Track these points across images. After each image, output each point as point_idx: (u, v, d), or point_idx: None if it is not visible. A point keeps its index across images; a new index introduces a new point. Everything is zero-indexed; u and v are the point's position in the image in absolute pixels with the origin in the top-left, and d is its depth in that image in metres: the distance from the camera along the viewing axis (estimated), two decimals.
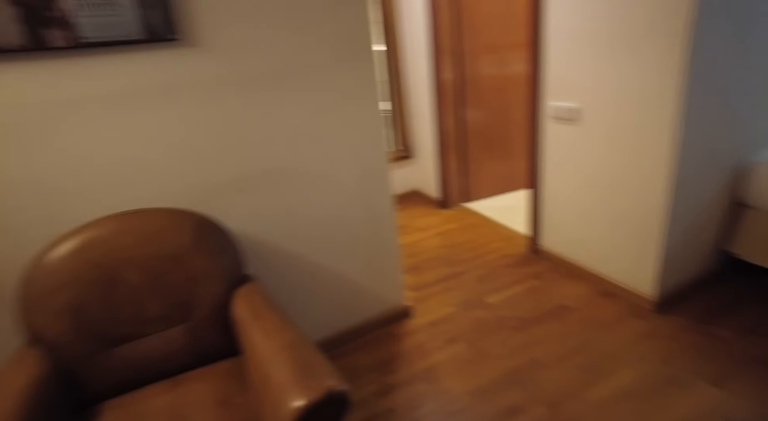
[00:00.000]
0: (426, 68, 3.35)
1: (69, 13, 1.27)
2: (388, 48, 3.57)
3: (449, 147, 3.44)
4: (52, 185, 1.38)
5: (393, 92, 3.72)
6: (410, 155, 3.88)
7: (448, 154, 3.46)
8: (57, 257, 1.29)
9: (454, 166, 3.51)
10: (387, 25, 3.50)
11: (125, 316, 1.32)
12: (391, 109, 3.78)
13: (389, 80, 3.68)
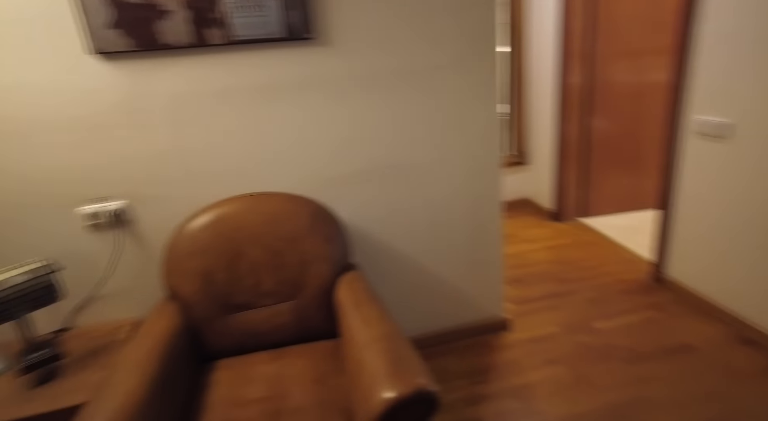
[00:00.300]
0: (551, 72, 3.18)
1: (226, 14, 1.45)
2: (513, 50, 3.45)
3: (569, 156, 3.23)
4: (197, 164, 1.58)
5: (513, 95, 3.59)
6: (524, 161, 3.72)
7: (567, 164, 3.25)
8: (195, 227, 1.48)
9: (572, 177, 3.28)
10: (513, 27, 3.39)
11: (244, 286, 1.47)
12: (509, 112, 3.66)
13: (510, 82, 3.56)
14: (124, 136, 1.49)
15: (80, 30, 1.36)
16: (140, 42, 1.40)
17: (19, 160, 1.43)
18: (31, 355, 1.38)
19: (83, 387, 1.31)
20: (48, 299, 1.37)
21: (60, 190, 1.49)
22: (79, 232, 1.54)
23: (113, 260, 1.59)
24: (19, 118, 1.39)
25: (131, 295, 1.65)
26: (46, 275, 1.35)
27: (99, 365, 1.41)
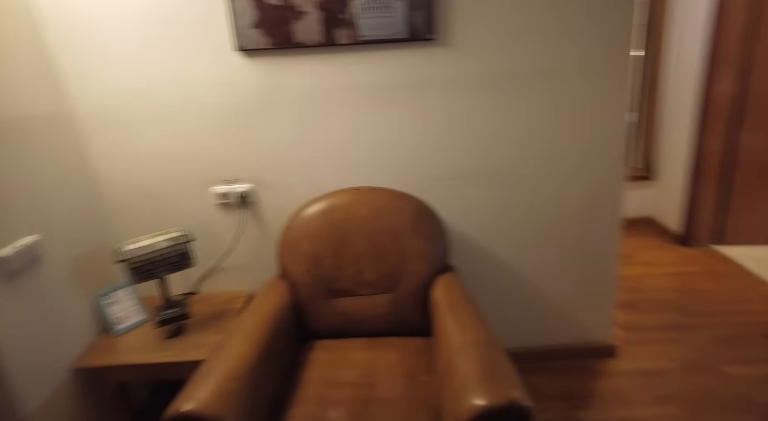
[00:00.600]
0: (693, 78, 2.83)
1: (354, 15, 1.52)
2: (647, 53, 3.14)
3: (708, 174, 2.84)
4: (315, 155, 1.69)
5: (643, 103, 3.27)
6: (650, 176, 3.36)
7: (703, 182, 2.87)
8: (309, 214, 1.58)
9: (709, 197, 2.89)
10: (651, 28, 3.07)
11: (347, 274, 1.54)
12: (637, 121, 3.33)
13: (641, 89, 3.24)
14: (256, 125, 1.65)
15: (229, 29, 1.53)
16: (276, 40, 1.54)
17: (171, 143, 1.66)
18: (166, 311, 1.59)
19: (203, 345, 1.48)
20: (183, 265, 1.57)
21: (199, 171, 1.69)
22: (211, 209, 1.74)
23: (236, 237, 1.77)
24: (175, 106, 1.61)
25: (248, 269, 1.82)
26: (184, 244, 1.55)
27: (217, 328, 1.58)
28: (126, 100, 1.60)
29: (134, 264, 1.46)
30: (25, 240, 1.32)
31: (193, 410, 1.02)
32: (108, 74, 1.57)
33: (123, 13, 1.51)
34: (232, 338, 1.26)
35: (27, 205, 1.35)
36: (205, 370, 1.14)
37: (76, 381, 1.49)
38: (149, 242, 1.51)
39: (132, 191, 1.71)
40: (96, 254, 1.64)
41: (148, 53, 1.55)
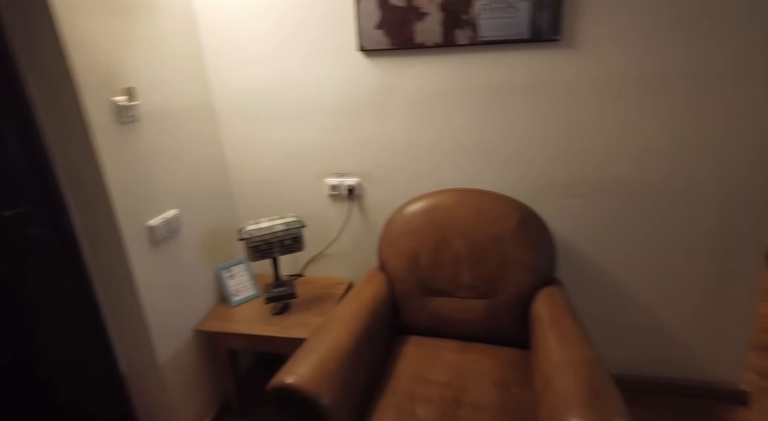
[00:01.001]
0: None
1: (476, 16, 1.51)
2: None
3: None
4: (422, 154, 1.71)
5: None
6: None
7: None
8: (411, 211, 1.61)
9: None
10: None
11: (444, 274, 1.54)
12: None
13: None
14: (368, 123, 1.71)
15: (354, 30, 1.61)
16: (396, 41, 1.58)
17: (292, 136, 1.79)
18: (275, 289, 1.74)
19: (306, 325, 1.59)
20: (294, 248, 1.69)
21: (315, 163, 1.81)
22: (322, 199, 1.85)
23: (342, 227, 1.87)
24: (298, 102, 1.74)
25: (349, 258, 1.91)
26: (297, 229, 1.68)
27: (319, 310, 1.68)
28: (257, 95, 1.76)
29: (253, 243, 1.62)
30: (169, 213, 1.53)
31: (293, 384, 1.10)
32: (244, 71, 1.74)
33: (261, 15, 1.66)
34: (333, 321, 1.33)
35: (173, 182, 1.56)
36: (306, 348, 1.22)
37: (197, 342, 1.69)
38: (267, 224, 1.65)
39: (254, 178, 1.89)
40: (221, 231, 1.84)
41: (280, 52, 1.69)
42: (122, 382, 1.54)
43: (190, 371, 1.65)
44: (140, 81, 1.42)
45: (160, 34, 1.50)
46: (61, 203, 1.33)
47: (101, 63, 1.28)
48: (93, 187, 1.32)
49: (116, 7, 1.33)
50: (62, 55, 1.18)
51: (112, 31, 1.32)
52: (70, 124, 1.26)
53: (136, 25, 1.40)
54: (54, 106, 1.26)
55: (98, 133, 1.28)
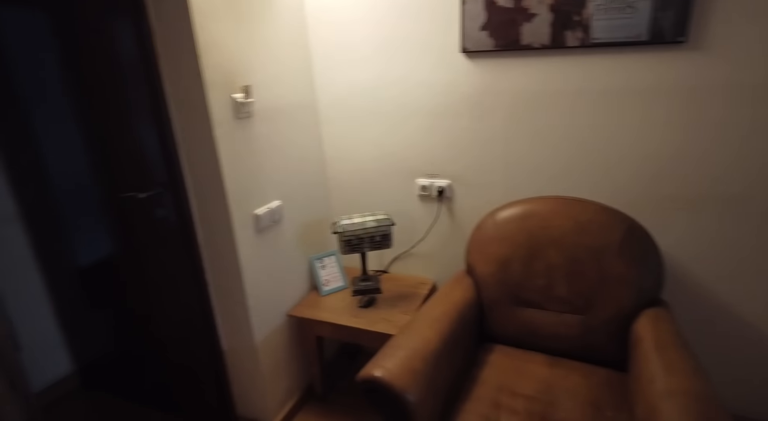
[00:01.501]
0: None
1: (589, 17, 1.43)
2: None
3: None
4: (518, 159, 1.66)
5: None
6: None
7: None
8: (504, 216, 1.58)
9: None
10: None
11: (535, 285, 1.49)
12: None
13: None
14: (465, 125, 1.70)
15: (458, 32, 1.60)
16: (501, 43, 1.55)
17: (388, 135, 1.83)
18: (363, 283, 1.79)
19: (390, 321, 1.63)
20: (383, 245, 1.73)
21: (408, 163, 1.84)
22: (412, 198, 1.87)
23: (429, 228, 1.88)
24: (396, 102, 1.77)
25: (435, 259, 1.91)
26: (387, 227, 1.71)
27: (403, 308, 1.71)
28: (357, 94, 1.82)
29: (346, 237, 1.68)
30: (273, 204, 1.64)
31: (382, 378, 1.13)
32: (346, 72, 1.81)
33: (364, 18, 1.71)
34: (420, 321, 1.35)
35: (278, 175, 1.67)
36: (394, 345, 1.25)
37: (289, 326, 1.79)
38: (359, 220, 1.71)
39: (349, 175, 1.95)
40: (315, 223, 1.94)
41: (381, 54, 1.73)
42: (221, 355, 1.68)
43: (281, 353, 1.76)
44: (256, 80, 1.53)
45: (275, 37, 1.61)
46: (182, 189, 1.48)
47: (225, 63, 1.40)
48: (210, 175, 1.45)
49: (241, 12, 1.44)
50: (195, 55, 1.31)
51: (236, 33, 1.43)
52: (196, 118, 1.40)
53: (256, 29, 1.52)
54: (183, 101, 1.40)
55: (218, 127, 1.40)
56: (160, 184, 1.49)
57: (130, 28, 1.33)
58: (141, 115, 1.43)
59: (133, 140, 1.48)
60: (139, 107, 1.42)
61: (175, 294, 1.63)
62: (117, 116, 1.48)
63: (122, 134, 1.50)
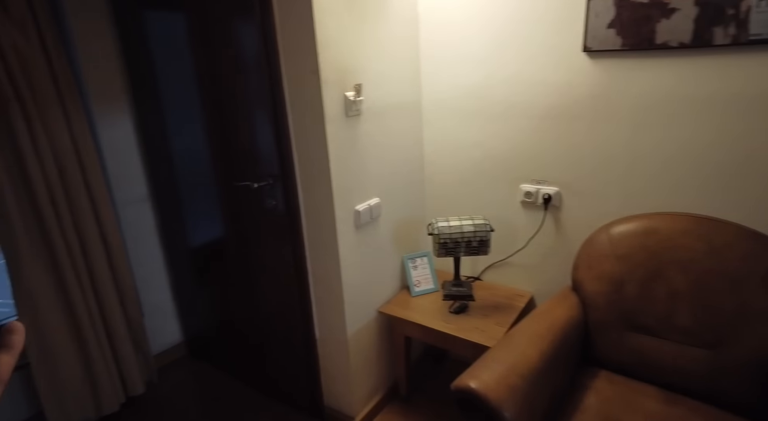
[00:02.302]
0: None
1: (748, 10, 1.25)
2: None
3: None
4: (642, 169, 1.50)
5: None
6: None
7: None
8: (620, 231, 1.44)
9: None
10: None
11: (654, 310, 1.33)
12: None
13: None
14: (580, 129, 1.58)
15: (581, 30, 1.49)
16: (630, 41, 1.41)
17: (492, 137, 1.76)
18: (455, 288, 1.75)
19: (483, 331, 1.56)
20: (480, 251, 1.67)
21: (512, 167, 1.75)
22: (514, 205, 1.79)
23: (531, 237, 1.77)
24: (505, 103, 1.70)
25: (534, 271, 1.80)
26: (485, 232, 1.65)
27: (497, 319, 1.63)
28: (463, 95, 1.78)
29: (442, 240, 1.65)
30: (373, 201, 1.66)
31: (477, 389, 1.09)
32: (453, 71, 1.77)
33: (477, 15, 1.66)
34: (520, 336, 1.28)
35: (379, 174, 1.68)
36: (491, 357, 1.20)
37: (379, 323, 1.81)
38: (457, 223, 1.67)
39: (447, 176, 1.92)
40: (410, 223, 1.93)
41: (493, 53, 1.67)
42: (314, 344, 1.74)
43: (369, 349, 1.78)
44: (366, 78, 1.55)
45: (387, 35, 1.62)
46: (292, 181, 1.55)
47: (339, 61, 1.44)
48: (319, 170, 1.49)
49: (359, 9, 1.47)
50: (314, 53, 1.36)
51: (352, 31, 1.46)
52: (309, 115, 1.45)
53: (371, 26, 1.54)
54: (299, 98, 1.46)
55: (329, 124, 1.44)
56: (271, 176, 1.57)
57: (255, 26, 1.42)
58: (259, 110, 1.52)
59: (251, 134, 1.58)
60: (259, 103, 1.51)
61: (277, 279, 1.72)
62: (236, 111, 1.59)
63: (240, 128, 1.61)
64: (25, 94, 1.53)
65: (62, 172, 1.67)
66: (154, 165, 2.05)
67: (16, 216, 1.57)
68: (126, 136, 2.00)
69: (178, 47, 1.71)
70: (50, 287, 1.68)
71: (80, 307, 1.73)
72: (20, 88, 1.52)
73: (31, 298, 1.64)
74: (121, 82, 1.95)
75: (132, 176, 2.05)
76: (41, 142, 1.59)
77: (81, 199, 1.71)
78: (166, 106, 1.87)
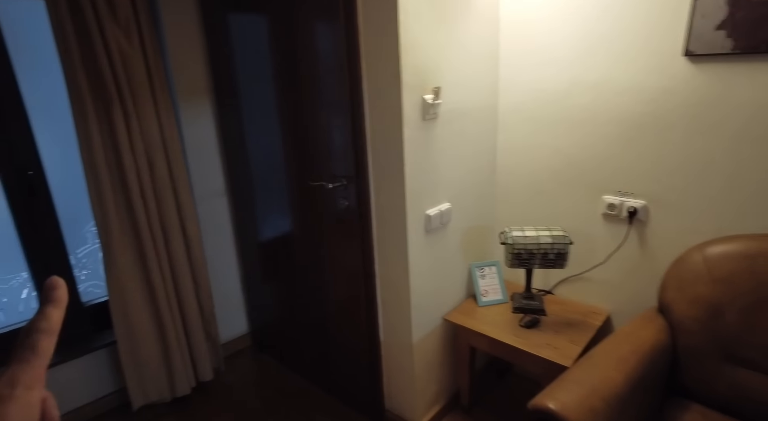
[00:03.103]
0: None
1: None
2: None
3: None
4: (747, 187, 1.36)
5: None
6: None
7: None
8: (719, 252, 1.31)
9: None
10: None
11: (759, 342, 1.20)
12: None
13: None
14: (674, 139, 1.46)
15: (681, 32, 1.38)
16: (742, 44, 1.28)
17: (574, 145, 1.67)
18: (526, 301, 1.68)
19: (555, 348, 1.48)
20: (556, 264, 1.59)
21: (594, 177, 1.65)
22: (594, 217, 1.68)
23: (612, 252, 1.66)
24: (591, 109, 1.60)
25: (613, 288, 1.69)
26: (564, 245, 1.57)
27: (572, 337, 1.54)
28: (544, 99, 1.70)
29: (516, 250, 1.58)
30: (444, 206, 1.63)
31: (557, 411, 1.03)
32: (535, 74, 1.70)
33: (566, 17, 1.58)
34: (602, 357, 1.19)
35: (450, 178, 1.65)
36: (570, 378, 1.13)
37: (444, 330, 1.77)
38: (533, 233, 1.60)
39: (521, 184, 1.84)
40: (479, 230, 1.87)
41: (580, 55, 1.58)
42: (378, 346, 1.73)
43: (433, 356, 1.75)
44: (445, 81, 1.52)
45: (468, 37, 1.58)
46: (365, 183, 1.55)
47: (420, 63, 1.42)
48: (393, 173, 1.48)
49: (442, 11, 1.45)
50: (397, 55, 1.35)
51: (434, 34, 1.44)
52: (387, 118, 1.44)
53: (452, 29, 1.51)
54: (377, 100, 1.45)
55: (407, 127, 1.43)
56: (345, 177, 1.58)
57: (339, 28, 1.43)
58: (338, 112, 1.54)
59: (328, 135, 1.60)
60: (337, 105, 1.53)
61: (344, 280, 1.73)
62: (314, 112, 1.62)
63: (317, 129, 1.63)
64: (125, 93, 1.65)
65: (151, 167, 1.78)
66: (232, 162, 2.14)
67: (111, 207, 1.69)
68: (207, 133, 2.10)
69: (258, 48, 1.77)
70: (136, 274, 1.80)
71: (160, 293, 1.83)
72: (122, 87, 1.63)
73: (119, 282, 1.76)
74: (206, 81, 2.05)
75: (211, 172, 2.15)
76: (135, 138, 1.70)
77: (166, 193, 1.82)
78: (244, 105, 1.94)
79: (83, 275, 1.98)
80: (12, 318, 1.84)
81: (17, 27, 1.64)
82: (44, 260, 1.81)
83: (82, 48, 1.56)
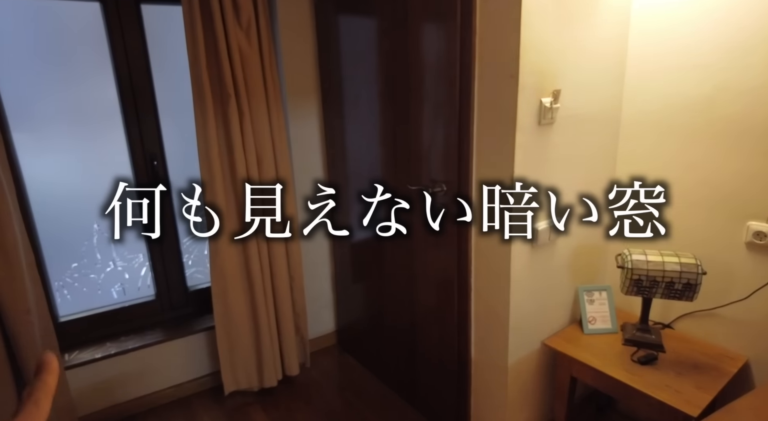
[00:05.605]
0: None
1: None
2: None
3: None
4: None
5: None
6: None
7: None
8: None
9: None
10: None
11: None
12: None
13: None
14: None
15: None
16: None
17: (712, 160, 1.45)
18: (640, 333, 1.48)
19: (678, 392, 1.29)
20: (683, 296, 1.39)
21: (739, 198, 1.41)
22: (736, 244, 1.44)
23: (757, 287, 1.41)
24: (740, 120, 1.37)
25: (754, 330, 1.43)
26: (695, 274, 1.36)
27: (698, 382, 1.33)
28: (678, 108, 1.50)
29: (636, 275, 1.41)
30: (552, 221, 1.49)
31: None
32: (669, 79, 1.50)
33: (708, 10, 1.37)
34: (748, 415, 1.00)
35: (563, 189, 1.51)
36: None
37: (543, 355, 1.63)
38: (657, 259, 1.41)
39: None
40: (589, 250, 1.70)
41: (728, 57, 1.36)
42: (468, 364, 1.64)
43: (528, 381, 1.61)
44: (565, 84, 1.40)
45: (594, 38, 1.44)
46: (467, 188, 1.47)
47: (540, 64, 1.31)
48: (499, 181, 1.39)
49: (568, 10, 1.33)
50: (516, 56, 1.26)
51: (557, 33, 1.33)
52: (499, 121, 1.35)
53: (577, 28, 1.38)
54: (489, 103, 1.37)
55: (520, 132, 1.32)
56: (446, 182, 1.52)
57: (454, 30, 1.37)
58: (444, 116, 1.48)
59: (431, 139, 1.55)
60: (445, 108, 1.47)
61: (436, 289, 1.66)
62: (419, 116, 1.57)
63: (421, 133, 1.58)
64: (241, 91, 1.73)
65: (260, 162, 1.85)
66: (331, 161, 2.17)
67: (222, 201, 1.79)
68: (311, 132, 2.15)
69: (365, 49, 1.76)
70: (238, 266, 1.88)
71: (258, 285, 1.90)
72: (239, 85, 1.72)
73: (222, 272, 1.85)
74: (314, 82, 2.10)
75: (311, 170, 2.20)
76: (248, 135, 1.78)
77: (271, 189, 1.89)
78: (348, 106, 1.95)
79: (189, 261, 2.12)
80: (131, 294, 2.02)
81: (153, 29, 1.81)
82: (160, 246, 1.97)
83: (208, 49, 1.66)
